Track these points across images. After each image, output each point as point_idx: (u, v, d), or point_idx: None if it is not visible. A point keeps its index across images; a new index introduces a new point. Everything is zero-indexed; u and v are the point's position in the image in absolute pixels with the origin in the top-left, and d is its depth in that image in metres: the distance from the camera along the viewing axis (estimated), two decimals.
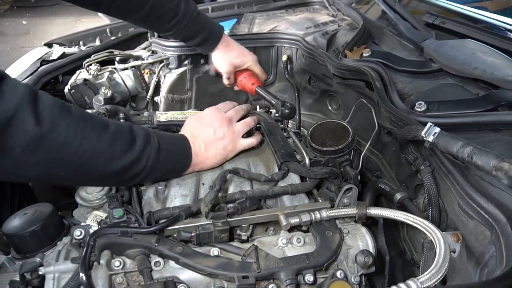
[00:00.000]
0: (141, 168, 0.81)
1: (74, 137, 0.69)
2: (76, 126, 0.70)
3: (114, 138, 0.76)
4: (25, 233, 0.80)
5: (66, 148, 0.69)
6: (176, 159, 0.90)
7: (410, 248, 1.06)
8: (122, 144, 0.77)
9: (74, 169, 0.74)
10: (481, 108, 0.93)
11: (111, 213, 0.80)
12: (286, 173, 1.01)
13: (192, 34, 1.28)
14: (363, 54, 1.29)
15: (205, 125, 0.97)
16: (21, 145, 0.63)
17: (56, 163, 0.70)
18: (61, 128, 0.68)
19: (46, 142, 0.66)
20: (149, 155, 0.81)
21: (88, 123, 0.73)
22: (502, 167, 0.63)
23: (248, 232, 0.85)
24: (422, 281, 0.63)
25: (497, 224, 0.66)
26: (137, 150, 0.79)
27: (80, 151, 0.71)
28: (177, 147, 0.91)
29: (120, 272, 0.76)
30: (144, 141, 0.81)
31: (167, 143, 0.87)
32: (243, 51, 1.35)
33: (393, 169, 1.13)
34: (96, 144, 0.73)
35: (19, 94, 0.63)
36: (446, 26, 1.30)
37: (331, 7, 1.86)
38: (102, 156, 0.74)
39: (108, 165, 0.76)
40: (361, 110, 1.25)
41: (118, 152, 0.76)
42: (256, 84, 1.31)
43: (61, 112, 0.69)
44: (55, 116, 0.67)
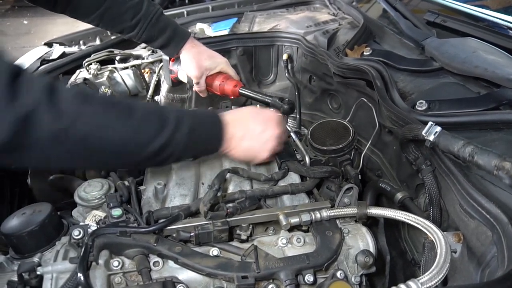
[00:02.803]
0: (172, 150, 0.77)
1: (98, 127, 0.68)
2: (99, 115, 0.69)
3: (141, 124, 0.73)
4: (23, 233, 0.80)
5: (91, 139, 0.67)
6: (209, 140, 0.87)
7: (411, 248, 1.05)
8: (151, 129, 0.74)
9: (102, 158, 0.73)
10: (483, 107, 0.92)
11: (109, 212, 0.80)
12: (286, 172, 1.00)
13: (155, 34, 1.20)
14: (363, 53, 1.28)
15: (258, 120, 0.93)
16: (45, 140, 0.63)
17: (83, 153, 0.69)
18: (84, 119, 0.66)
19: (69, 136, 0.65)
20: (180, 137, 0.77)
21: (112, 111, 0.71)
22: (504, 167, 0.63)
23: (247, 232, 0.85)
24: (423, 281, 0.62)
25: (498, 224, 0.66)
26: (168, 133, 0.75)
27: (106, 140, 0.69)
28: (211, 128, 0.87)
29: (119, 272, 0.76)
30: (175, 122, 0.77)
31: (200, 123, 0.84)
32: (213, 53, 1.27)
33: (394, 169, 1.13)
34: (122, 132, 0.71)
35: (37, 89, 0.62)
36: (447, 24, 1.29)
37: (332, 5, 1.85)
38: (131, 143, 0.72)
39: (137, 151, 0.74)
40: (362, 109, 1.25)
41: (147, 138, 0.73)
42: (239, 86, 1.24)
43: (82, 103, 0.67)
44: (75, 109, 0.65)
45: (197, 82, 1.26)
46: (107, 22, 1.19)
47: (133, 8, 1.16)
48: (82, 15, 1.17)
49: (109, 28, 1.27)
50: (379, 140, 1.19)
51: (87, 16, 1.17)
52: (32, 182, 1.18)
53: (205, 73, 1.25)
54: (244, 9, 1.98)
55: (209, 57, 1.25)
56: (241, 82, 1.27)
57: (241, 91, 1.23)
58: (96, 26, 1.23)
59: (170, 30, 1.22)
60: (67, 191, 1.07)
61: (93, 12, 1.15)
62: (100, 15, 1.15)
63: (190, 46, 1.24)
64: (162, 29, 1.20)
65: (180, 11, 1.99)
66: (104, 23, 1.20)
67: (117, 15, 1.15)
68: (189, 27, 1.84)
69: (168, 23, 1.22)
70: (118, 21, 1.17)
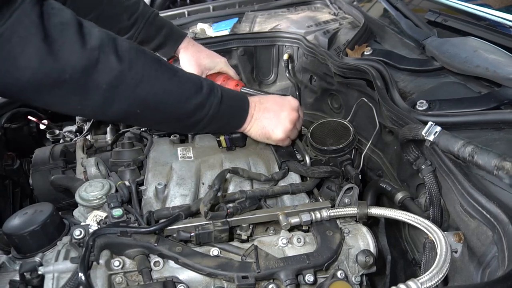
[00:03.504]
0: (204, 114, 0.85)
1: (149, 76, 0.76)
2: (150, 66, 0.77)
3: (183, 82, 0.82)
4: (25, 232, 0.80)
5: (143, 86, 0.75)
6: (234, 114, 0.94)
7: (412, 248, 1.05)
8: (190, 88, 0.82)
9: (148, 108, 0.79)
10: (483, 106, 0.91)
11: (110, 212, 0.80)
12: (287, 172, 1.01)
13: (152, 33, 1.21)
14: (364, 53, 1.28)
15: (276, 102, 1.00)
16: (107, 81, 0.70)
17: (134, 100, 0.76)
18: (138, 67, 0.74)
19: (126, 79, 0.72)
20: (211, 103, 0.85)
21: (160, 65, 0.79)
22: (504, 167, 0.62)
23: (248, 232, 0.85)
24: (423, 281, 0.62)
25: (499, 224, 0.65)
26: (202, 96, 0.83)
27: (154, 89, 0.77)
28: (237, 103, 0.94)
29: (120, 272, 0.76)
30: (209, 89, 0.85)
31: (229, 96, 0.91)
32: (211, 52, 1.28)
33: (394, 168, 1.12)
34: (167, 84, 0.79)
35: (100, 35, 0.71)
36: (448, 24, 1.29)
37: (333, 5, 1.85)
38: (172, 96, 0.80)
39: (177, 106, 0.81)
40: (362, 109, 1.25)
41: (186, 95, 0.81)
42: (240, 85, 1.24)
43: (137, 53, 0.76)
44: (132, 56, 0.74)
45: None
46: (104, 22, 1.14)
47: (130, 7, 1.17)
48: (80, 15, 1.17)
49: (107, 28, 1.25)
50: (379, 140, 1.19)
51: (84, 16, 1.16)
52: (34, 182, 1.18)
53: (205, 72, 1.25)
54: (245, 9, 1.98)
55: (208, 56, 1.25)
56: (242, 82, 1.26)
57: (242, 90, 1.23)
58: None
59: (167, 29, 1.22)
60: (68, 191, 1.07)
61: (89, 12, 1.14)
62: (97, 15, 1.15)
63: (187, 45, 1.24)
64: (159, 28, 1.21)
65: (181, 11, 2.00)
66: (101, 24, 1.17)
67: (114, 14, 1.16)
68: (190, 27, 1.84)
69: (165, 23, 1.23)
70: (115, 21, 1.17)
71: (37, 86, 0.67)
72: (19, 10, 0.62)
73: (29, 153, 1.30)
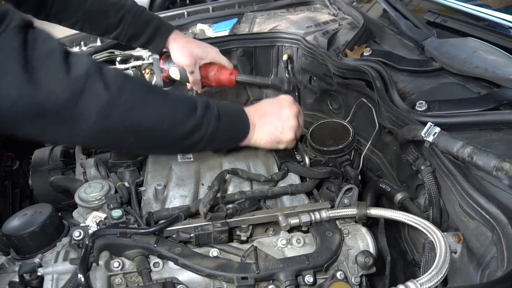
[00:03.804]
0: (202, 134, 0.82)
1: (139, 102, 0.73)
2: (140, 92, 0.74)
3: (176, 104, 0.79)
4: (24, 234, 0.80)
5: (134, 113, 0.72)
6: (235, 128, 0.91)
7: (412, 248, 1.05)
8: (184, 110, 0.79)
9: (141, 135, 0.76)
10: (483, 107, 0.92)
11: (110, 213, 0.80)
12: (286, 173, 1.01)
13: (141, 27, 1.18)
14: (363, 53, 1.28)
15: (272, 104, 0.97)
16: (96, 110, 0.67)
17: (126, 128, 0.73)
18: (127, 94, 0.71)
19: (116, 107, 0.70)
20: (209, 122, 0.82)
21: (150, 89, 0.77)
22: (503, 167, 0.62)
23: (247, 233, 0.85)
24: (422, 282, 0.62)
25: (498, 225, 0.65)
26: (198, 116, 0.80)
27: (146, 116, 0.74)
28: (236, 116, 0.91)
29: (119, 273, 0.76)
30: (204, 108, 0.82)
31: (226, 111, 0.87)
32: (202, 43, 1.26)
33: (394, 169, 1.12)
34: (160, 109, 0.76)
35: (87, 63, 0.68)
36: (447, 24, 1.29)
37: (332, 6, 1.85)
38: (166, 121, 0.77)
39: (171, 130, 0.79)
40: (362, 110, 1.25)
41: (180, 118, 0.78)
42: (234, 73, 1.21)
43: (125, 79, 0.73)
44: (120, 82, 0.71)
45: (192, 71, 1.22)
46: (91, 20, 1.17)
47: (117, 3, 1.15)
48: (66, 17, 1.16)
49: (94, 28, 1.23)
50: (379, 140, 1.19)
51: (71, 18, 1.16)
52: (33, 183, 1.18)
53: (198, 62, 1.22)
54: (244, 9, 1.98)
55: (199, 46, 1.23)
56: (236, 70, 1.23)
57: (238, 78, 1.21)
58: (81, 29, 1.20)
59: (155, 23, 1.20)
60: (68, 192, 1.07)
61: (76, 12, 1.14)
62: (84, 14, 1.14)
63: (176, 36, 1.22)
64: (146, 22, 1.19)
65: (180, 11, 2.00)
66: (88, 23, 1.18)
67: (101, 11, 1.14)
68: (189, 27, 1.84)
69: (152, 17, 1.21)
70: (102, 18, 1.16)
71: (18, 115, 0.63)
72: (1, 37, 0.60)
73: (29, 154, 1.30)
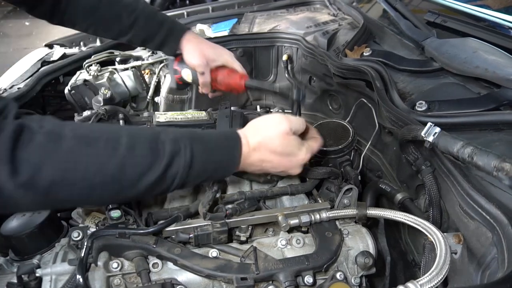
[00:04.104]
0: (165, 188, 0.68)
1: (65, 175, 0.59)
2: (67, 161, 0.59)
3: (124, 163, 0.62)
4: (23, 234, 0.80)
5: (59, 188, 0.59)
6: (216, 169, 0.75)
7: (412, 249, 1.05)
8: (136, 169, 0.63)
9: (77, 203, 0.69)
10: (483, 107, 0.91)
11: (108, 214, 0.80)
12: None
13: (154, 29, 1.15)
14: (363, 54, 1.28)
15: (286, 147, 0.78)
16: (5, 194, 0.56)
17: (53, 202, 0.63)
18: (46, 170, 0.57)
19: (31, 189, 0.57)
20: (175, 174, 0.67)
21: (85, 152, 0.60)
22: (503, 168, 0.62)
23: (247, 233, 0.84)
24: (422, 283, 0.62)
25: (498, 225, 0.65)
26: (158, 171, 0.64)
27: (77, 189, 0.61)
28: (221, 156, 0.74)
29: (118, 273, 0.76)
30: (170, 158, 0.66)
31: (208, 152, 0.71)
32: (216, 45, 1.21)
33: (394, 169, 1.12)
34: (97, 176, 0.61)
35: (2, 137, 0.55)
36: (447, 24, 1.29)
37: (332, 6, 1.85)
38: (107, 189, 0.63)
39: (118, 195, 0.66)
40: (362, 110, 1.24)
41: (129, 181, 0.64)
42: (244, 78, 1.15)
43: (47, 149, 0.58)
44: (37, 158, 0.57)
45: (202, 72, 1.17)
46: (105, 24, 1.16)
47: (129, 6, 1.13)
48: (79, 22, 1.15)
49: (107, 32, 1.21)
50: (379, 140, 1.19)
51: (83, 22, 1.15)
52: None
53: (210, 64, 1.18)
54: (244, 9, 1.98)
55: (212, 47, 1.19)
56: (246, 75, 1.18)
57: (247, 83, 1.15)
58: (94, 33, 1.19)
59: (168, 24, 1.18)
60: None
61: (88, 17, 1.12)
62: (97, 19, 1.13)
63: (190, 37, 1.19)
64: (160, 23, 1.16)
65: (180, 12, 2.00)
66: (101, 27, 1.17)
67: (114, 15, 1.13)
68: (189, 28, 1.84)
69: (165, 18, 1.19)
70: (115, 22, 1.14)
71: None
72: None
73: None
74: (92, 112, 1.14)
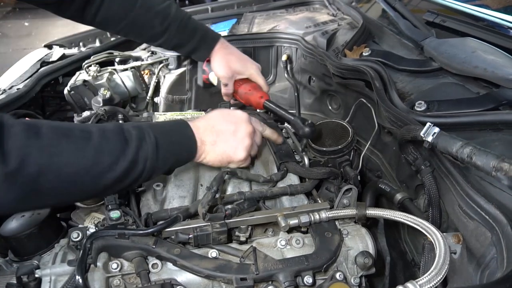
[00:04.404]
0: (140, 171, 0.72)
1: (50, 163, 0.62)
2: (50, 150, 0.62)
3: (99, 149, 0.67)
4: (22, 235, 0.80)
5: (44, 177, 0.61)
6: (179, 150, 0.81)
7: (411, 249, 1.05)
8: (111, 153, 0.68)
9: (61, 195, 0.67)
10: (482, 107, 0.91)
11: (108, 215, 0.80)
12: (285, 173, 1.00)
13: (185, 38, 1.18)
14: (362, 54, 1.28)
15: (227, 121, 0.88)
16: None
17: (39, 194, 0.63)
18: (32, 158, 0.59)
19: (19, 178, 0.58)
20: (146, 155, 0.72)
21: (63, 142, 0.64)
22: (502, 168, 0.62)
23: (246, 234, 0.84)
24: (421, 283, 0.62)
25: (497, 225, 0.65)
26: (131, 154, 0.70)
27: (62, 176, 0.63)
28: (179, 137, 0.81)
29: (118, 274, 0.76)
30: (138, 141, 0.71)
31: (166, 134, 0.78)
32: (244, 57, 1.23)
33: (393, 169, 1.12)
34: (79, 163, 0.65)
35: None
36: (446, 24, 1.29)
37: (331, 6, 1.85)
38: (89, 174, 0.66)
39: (99, 180, 0.68)
40: (361, 110, 1.24)
41: (107, 164, 0.67)
42: (264, 98, 1.15)
43: (29, 139, 0.60)
44: (22, 147, 0.59)
45: (226, 84, 1.20)
46: (136, 30, 1.17)
47: (162, 13, 1.13)
48: (111, 25, 1.16)
49: (138, 36, 1.25)
50: (378, 140, 1.19)
51: (116, 26, 1.16)
52: None
53: (235, 76, 1.20)
54: (243, 10, 1.99)
55: (240, 60, 1.21)
56: (267, 94, 1.19)
57: (265, 104, 1.14)
58: (125, 36, 1.21)
59: (200, 33, 1.19)
60: None
61: (121, 20, 1.13)
62: (129, 23, 1.13)
63: (220, 47, 1.20)
64: (192, 32, 1.18)
65: None
66: (133, 32, 1.18)
67: (146, 21, 1.13)
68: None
69: (198, 26, 1.20)
70: (146, 28, 1.15)
71: None
72: None
73: None
74: (92, 112, 1.14)
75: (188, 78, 1.60)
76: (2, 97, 1.30)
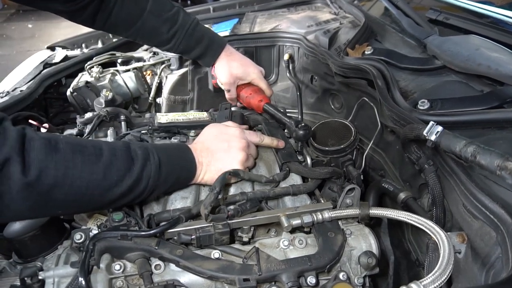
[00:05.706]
0: (143, 188, 0.78)
1: (65, 176, 0.67)
2: (66, 164, 0.67)
3: (109, 166, 0.73)
4: (25, 237, 0.80)
5: (58, 189, 0.67)
6: (179, 172, 0.87)
7: (415, 248, 1.04)
8: (119, 170, 0.74)
9: (70, 206, 0.74)
10: (486, 105, 0.90)
11: (111, 216, 0.80)
12: (288, 173, 1.00)
13: (192, 44, 1.21)
14: (365, 52, 1.27)
15: (220, 139, 0.94)
16: (12, 193, 0.62)
17: (51, 204, 0.69)
18: (50, 170, 0.65)
19: (36, 188, 0.64)
20: (149, 174, 0.78)
21: (78, 157, 0.70)
22: (507, 167, 0.61)
23: (249, 234, 0.84)
24: (426, 283, 0.62)
25: (502, 225, 0.65)
26: (136, 172, 0.76)
27: (74, 188, 0.69)
28: (180, 159, 0.88)
29: (121, 275, 0.76)
30: (143, 161, 0.77)
31: (169, 156, 0.84)
32: (247, 62, 1.26)
33: (396, 168, 1.12)
34: (90, 177, 0.70)
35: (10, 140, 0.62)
36: (449, 22, 1.28)
37: (333, 4, 1.84)
38: (98, 188, 0.72)
39: (106, 194, 0.74)
40: (364, 109, 1.24)
41: (114, 180, 0.73)
42: (264, 101, 1.18)
43: (49, 152, 0.66)
44: (42, 159, 0.65)
45: (228, 90, 1.25)
46: (144, 35, 1.21)
47: (170, 20, 1.17)
48: (120, 30, 1.20)
49: (146, 41, 1.32)
50: (381, 139, 1.18)
51: (125, 31, 1.20)
52: None
53: (237, 82, 1.24)
54: (245, 9, 1.98)
55: (242, 66, 1.23)
56: (267, 98, 1.22)
57: (265, 107, 1.17)
58: (134, 40, 1.26)
59: (207, 40, 1.22)
60: None
61: (130, 26, 1.17)
62: (138, 29, 1.17)
63: (225, 54, 1.24)
64: (198, 39, 1.21)
65: None
66: (141, 37, 1.23)
67: (154, 28, 1.17)
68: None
69: (205, 33, 1.23)
70: (155, 34, 1.19)
71: None
72: None
73: None
74: (94, 113, 1.14)
75: (190, 78, 1.60)
76: (6, 99, 1.30)
